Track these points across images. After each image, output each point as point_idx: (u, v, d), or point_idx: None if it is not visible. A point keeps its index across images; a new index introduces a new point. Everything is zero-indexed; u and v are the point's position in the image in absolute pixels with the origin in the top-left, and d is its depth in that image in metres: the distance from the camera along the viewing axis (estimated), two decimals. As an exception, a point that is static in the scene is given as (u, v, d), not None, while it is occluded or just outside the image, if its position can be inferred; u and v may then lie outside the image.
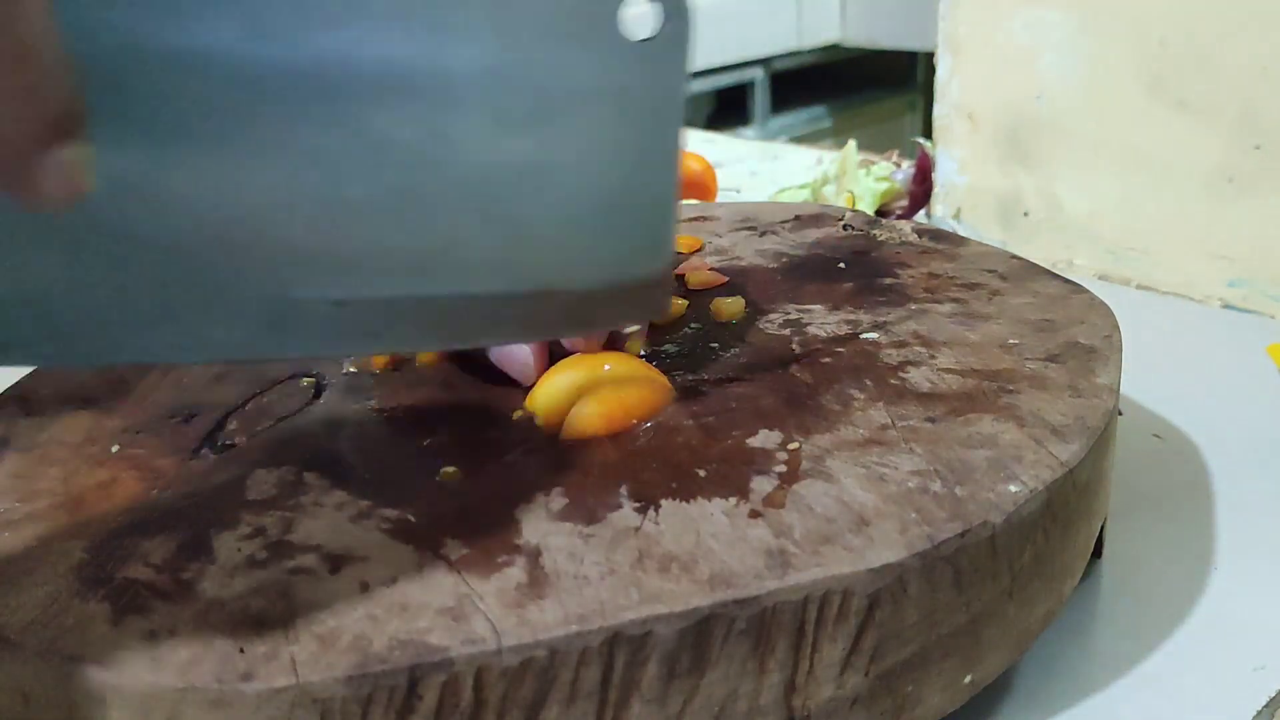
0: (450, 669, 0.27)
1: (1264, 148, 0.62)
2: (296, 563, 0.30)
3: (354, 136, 0.29)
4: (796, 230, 0.56)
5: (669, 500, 0.32)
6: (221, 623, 0.28)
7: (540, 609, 0.28)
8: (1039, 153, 0.72)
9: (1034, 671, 0.36)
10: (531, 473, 0.34)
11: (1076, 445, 0.35)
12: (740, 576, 0.29)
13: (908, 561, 0.30)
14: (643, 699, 0.28)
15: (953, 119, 0.76)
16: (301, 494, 0.34)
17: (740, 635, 0.29)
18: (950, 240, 0.54)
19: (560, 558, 0.30)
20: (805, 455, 0.34)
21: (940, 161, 0.77)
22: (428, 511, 0.33)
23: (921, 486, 0.32)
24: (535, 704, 0.28)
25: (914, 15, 1.99)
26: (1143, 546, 0.43)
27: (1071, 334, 0.42)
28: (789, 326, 0.44)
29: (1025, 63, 0.71)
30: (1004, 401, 0.37)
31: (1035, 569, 0.33)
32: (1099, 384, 0.38)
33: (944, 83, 0.76)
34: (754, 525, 0.31)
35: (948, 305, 0.45)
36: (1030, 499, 0.32)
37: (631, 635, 0.28)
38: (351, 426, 0.38)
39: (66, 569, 0.31)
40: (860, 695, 0.30)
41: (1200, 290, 0.66)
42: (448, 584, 0.29)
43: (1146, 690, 0.36)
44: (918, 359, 0.41)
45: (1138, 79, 0.66)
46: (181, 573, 0.30)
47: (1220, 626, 0.39)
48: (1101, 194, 0.69)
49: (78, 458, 0.37)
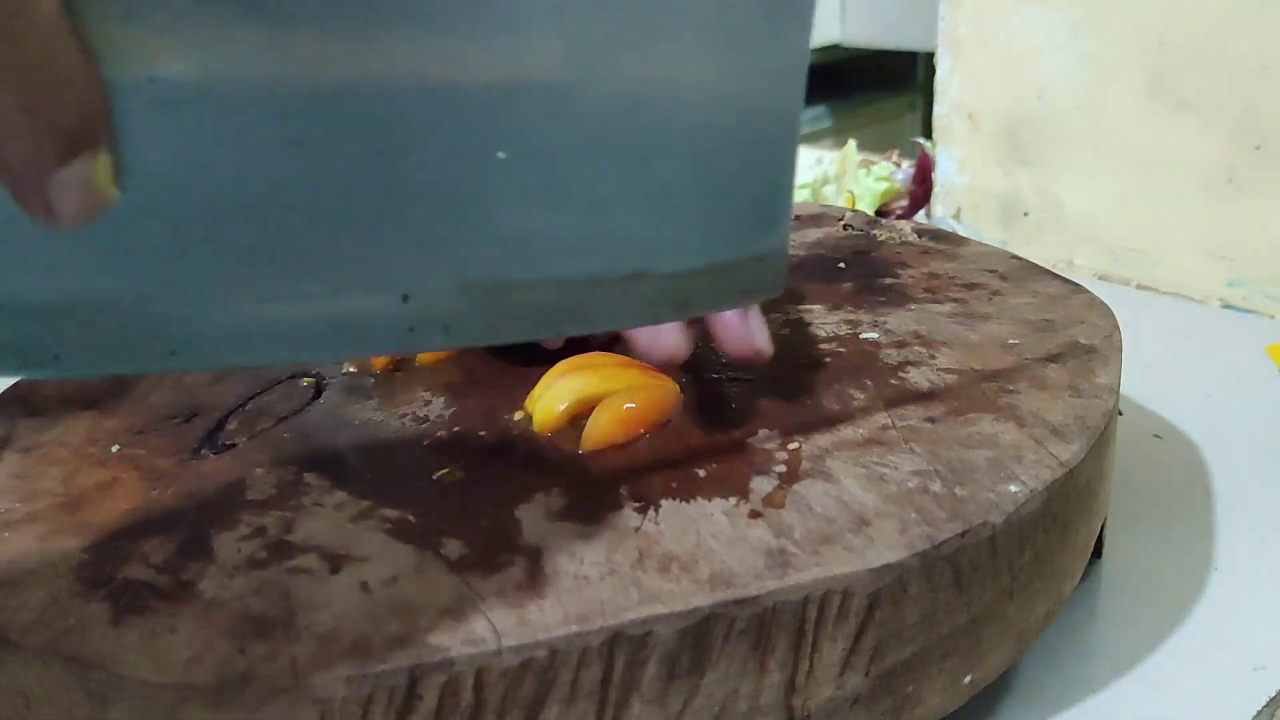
0: (450, 669, 0.27)
1: (1264, 148, 0.62)
2: (296, 563, 0.30)
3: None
4: (796, 230, 0.56)
5: (669, 500, 0.32)
6: (221, 623, 0.28)
7: (540, 609, 0.28)
8: (1039, 153, 0.72)
9: (1034, 671, 0.36)
10: (531, 473, 0.34)
11: (1076, 445, 0.35)
12: (740, 576, 0.29)
13: (908, 561, 0.30)
14: (643, 699, 0.28)
15: (953, 119, 0.76)
16: (301, 494, 0.34)
17: (740, 635, 0.29)
18: (950, 240, 0.54)
19: (560, 558, 0.30)
20: (805, 455, 0.34)
21: (940, 161, 0.77)
22: (428, 511, 0.33)
23: (921, 486, 0.32)
24: (535, 704, 0.28)
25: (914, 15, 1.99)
26: (1143, 546, 0.43)
27: (1071, 334, 0.42)
28: (789, 326, 0.44)
29: (1025, 63, 0.71)
30: (1004, 401, 0.37)
31: (1035, 569, 0.33)
32: (1099, 384, 0.38)
33: (944, 83, 0.76)
34: (754, 525, 0.31)
35: (948, 305, 0.45)
36: (1030, 499, 0.32)
37: (631, 635, 0.28)
38: (351, 426, 0.38)
39: (66, 569, 0.31)
40: (860, 695, 0.30)
41: (1200, 290, 0.66)
42: (448, 584, 0.29)
43: (1146, 690, 0.36)
44: (918, 359, 0.41)
45: (1138, 79, 0.66)
46: (181, 573, 0.30)
47: (1220, 626, 0.39)
48: (1101, 194, 0.69)
49: (78, 458, 0.37)
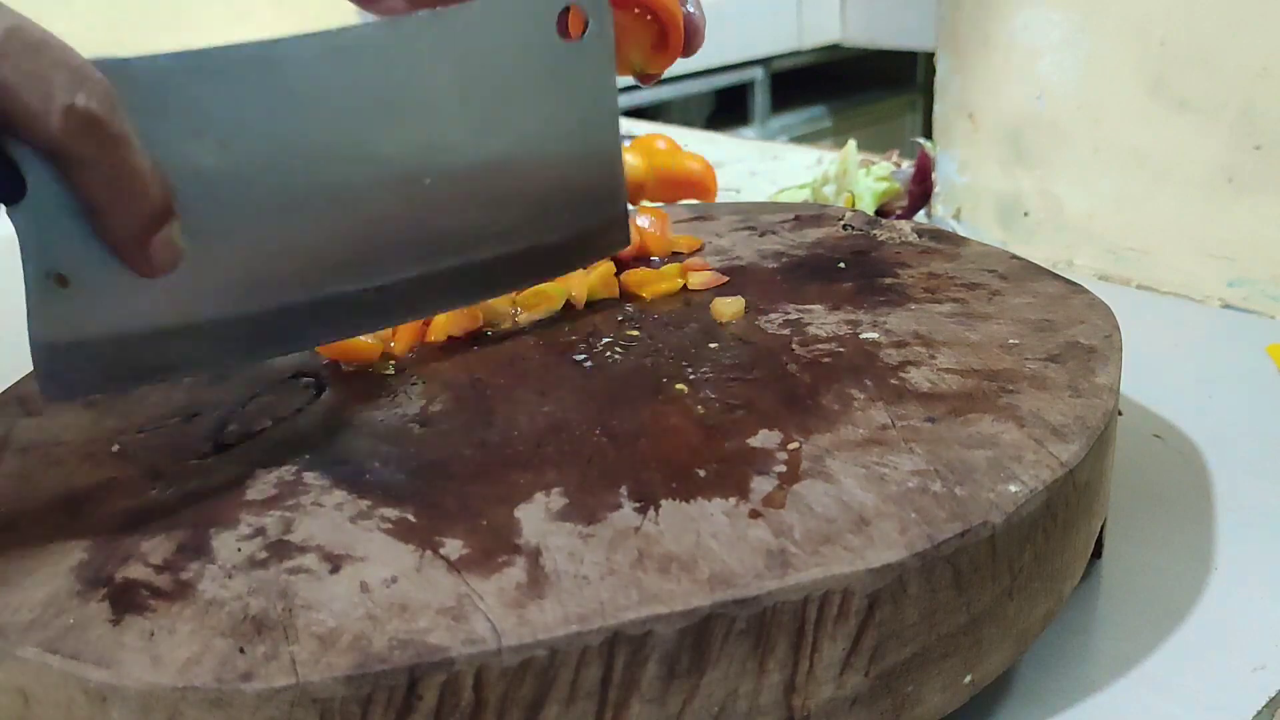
0: (450, 669, 0.27)
1: (1264, 148, 0.62)
2: (296, 563, 0.30)
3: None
4: (796, 230, 0.56)
5: (669, 500, 0.32)
6: (221, 623, 0.28)
7: (540, 609, 0.28)
8: (1039, 153, 0.72)
9: (1034, 671, 0.36)
10: (531, 472, 0.34)
11: (1076, 445, 0.35)
12: (740, 576, 0.29)
13: (908, 561, 0.30)
14: (643, 699, 0.28)
15: (953, 119, 0.76)
16: (301, 494, 0.34)
17: (740, 635, 0.29)
18: (950, 240, 0.54)
19: (560, 558, 0.30)
20: (805, 455, 0.34)
21: (940, 161, 0.77)
22: (428, 511, 0.33)
23: (921, 486, 0.32)
24: (535, 704, 0.28)
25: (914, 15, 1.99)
26: (1143, 546, 0.43)
27: (1071, 334, 0.42)
28: (789, 326, 0.44)
29: (1025, 63, 0.71)
30: (1004, 401, 0.37)
31: (1035, 569, 0.33)
32: (1099, 384, 0.38)
33: (944, 83, 0.76)
34: (754, 525, 0.31)
35: (948, 305, 0.45)
36: (1030, 499, 0.32)
37: (631, 635, 0.28)
38: (351, 426, 0.38)
39: (66, 569, 0.31)
40: (860, 695, 0.30)
41: (1200, 290, 0.66)
42: (448, 584, 0.29)
43: (1146, 690, 0.36)
44: (918, 359, 0.40)
45: (1138, 79, 0.66)
46: (181, 573, 0.30)
47: (1220, 626, 0.39)
48: (1101, 194, 0.69)
49: (78, 458, 0.37)
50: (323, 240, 0.37)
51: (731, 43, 2.01)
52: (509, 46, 0.39)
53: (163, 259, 0.32)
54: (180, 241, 0.33)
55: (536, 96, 0.41)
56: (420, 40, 0.37)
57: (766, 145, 1.13)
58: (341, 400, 0.40)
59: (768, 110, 2.22)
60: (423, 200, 0.38)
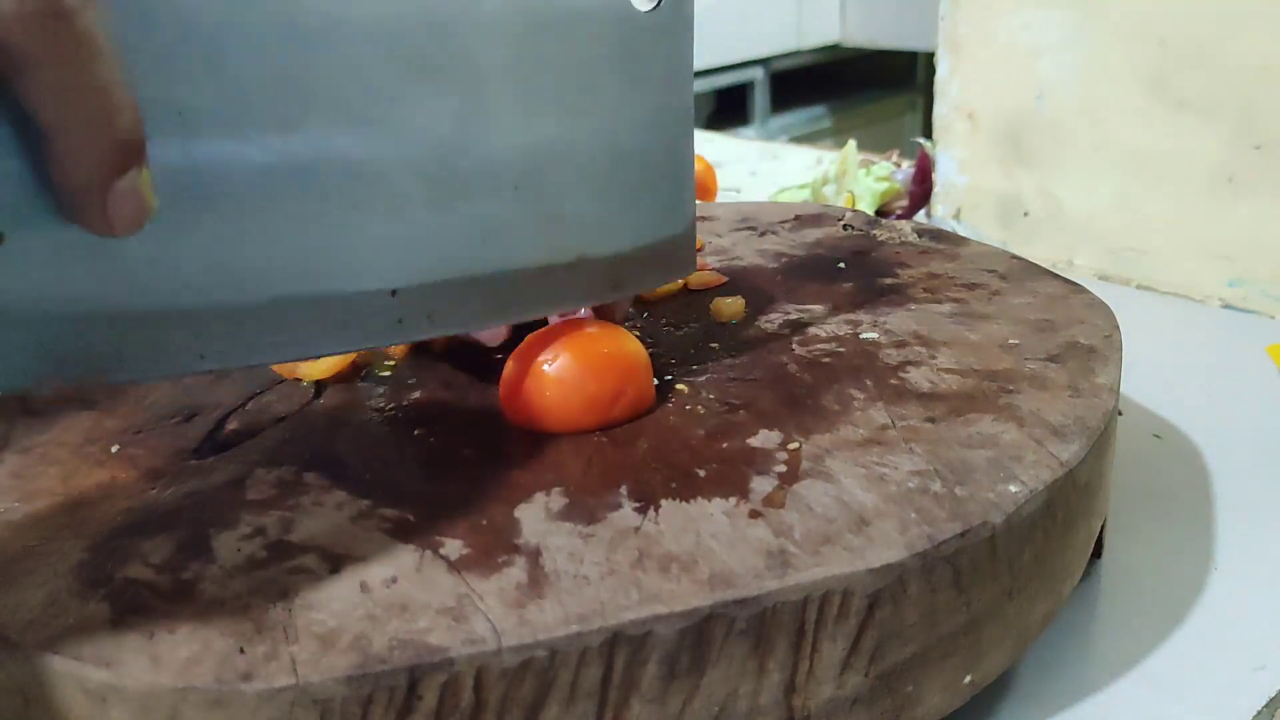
0: (450, 669, 0.27)
1: (1264, 148, 0.62)
2: (296, 563, 0.30)
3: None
4: (796, 230, 0.56)
5: (669, 500, 0.32)
6: (221, 623, 0.28)
7: (540, 609, 0.28)
8: (1039, 153, 0.72)
9: (1034, 671, 0.36)
10: (531, 472, 0.34)
11: (1076, 445, 0.35)
12: (740, 576, 0.29)
13: (908, 561, 0.30)
14: (643, 699, 0.28)
15: (953, 119, 0.76)
16: (301, 494, 0.34)
17: (740, 635, 0.29)
18: (950, 240, 0.54)
19: (560, 558, 0.30)
20: (805, 455, 0.34)
21: (940, 161, 0.77)
22: (428, 511, 0.33)
23: (921, 486, 0.32)
24: (535, 704, 0.28)
25: (914, 15, 1.99)
26: (1143, 546, 0.43)
27: (1071, 334, 0.42)
28: (789, 326, 0.44)
29: (1025, 63, 0.71)
30: (1004, 401, 0.37)
31: (1035, 569, 0.33)
32: (1099, 384, 0.38)
33: (944, 83, 0.76)
34: (754, 525, 0.31)
35: (948, 305, 0.45)
36: (1030, 499, 0.32)
37: (631, 635, 0.28)
38: (351, 426, 0.38)
39: (66, 569, 0.31)
40: (860, 695, 0.30)
41: (1200, 290, 0.66)
42: (448, 584, 0.29)
43: (1146, 690, 0.36)
44: (918, 359, 0.41)
45: (1138, 79, 0.66)
46: (181, 573, 0.30)
47: (1220, 626, 0.39)
48: (1101, 194, 0.69)
49: (77, 458, 0.37)
50: (329, 220, 0.30)
51: (731, 43, 2.02)
52: (575, 10, 0.33)
53: (125, 214, 0.25)
54: (151, 196, 0.26)
55: (601, 74, 0.34)
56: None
57: (766, 145, 1.13)
58: (341, 400, 0.40)
59: (768, 110, 2.23)
60: (453, 185, 0.32)
